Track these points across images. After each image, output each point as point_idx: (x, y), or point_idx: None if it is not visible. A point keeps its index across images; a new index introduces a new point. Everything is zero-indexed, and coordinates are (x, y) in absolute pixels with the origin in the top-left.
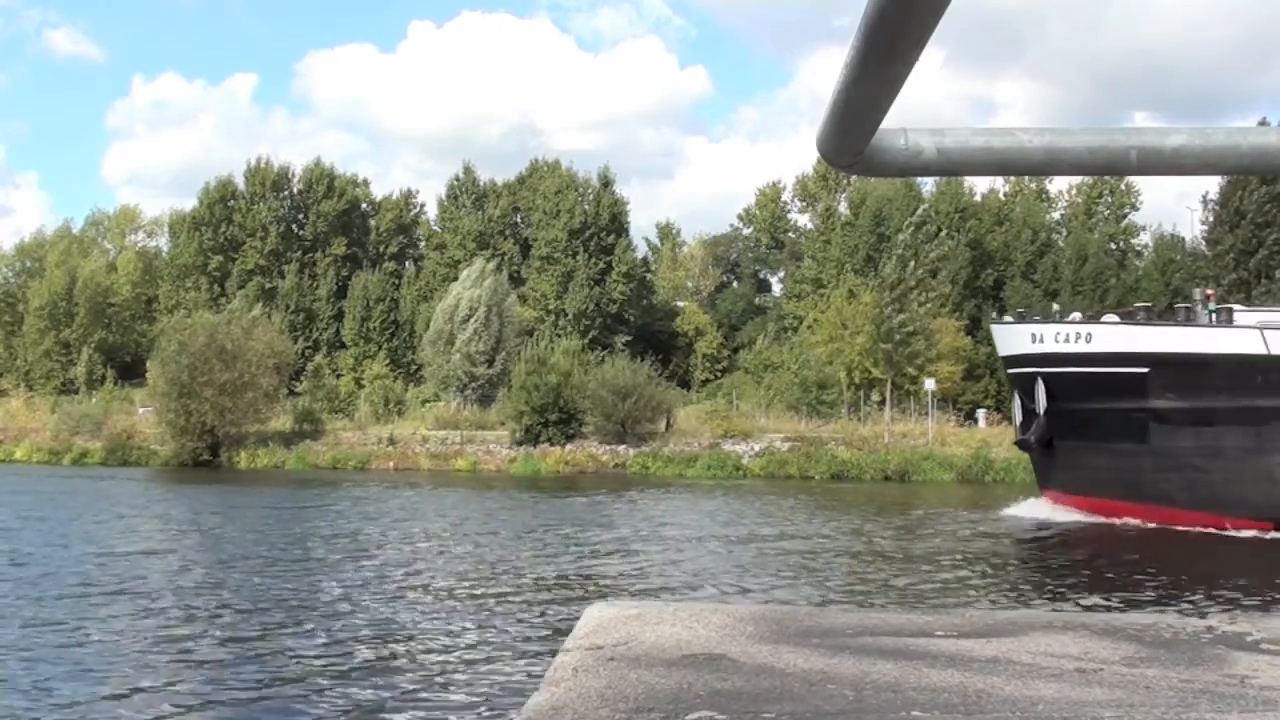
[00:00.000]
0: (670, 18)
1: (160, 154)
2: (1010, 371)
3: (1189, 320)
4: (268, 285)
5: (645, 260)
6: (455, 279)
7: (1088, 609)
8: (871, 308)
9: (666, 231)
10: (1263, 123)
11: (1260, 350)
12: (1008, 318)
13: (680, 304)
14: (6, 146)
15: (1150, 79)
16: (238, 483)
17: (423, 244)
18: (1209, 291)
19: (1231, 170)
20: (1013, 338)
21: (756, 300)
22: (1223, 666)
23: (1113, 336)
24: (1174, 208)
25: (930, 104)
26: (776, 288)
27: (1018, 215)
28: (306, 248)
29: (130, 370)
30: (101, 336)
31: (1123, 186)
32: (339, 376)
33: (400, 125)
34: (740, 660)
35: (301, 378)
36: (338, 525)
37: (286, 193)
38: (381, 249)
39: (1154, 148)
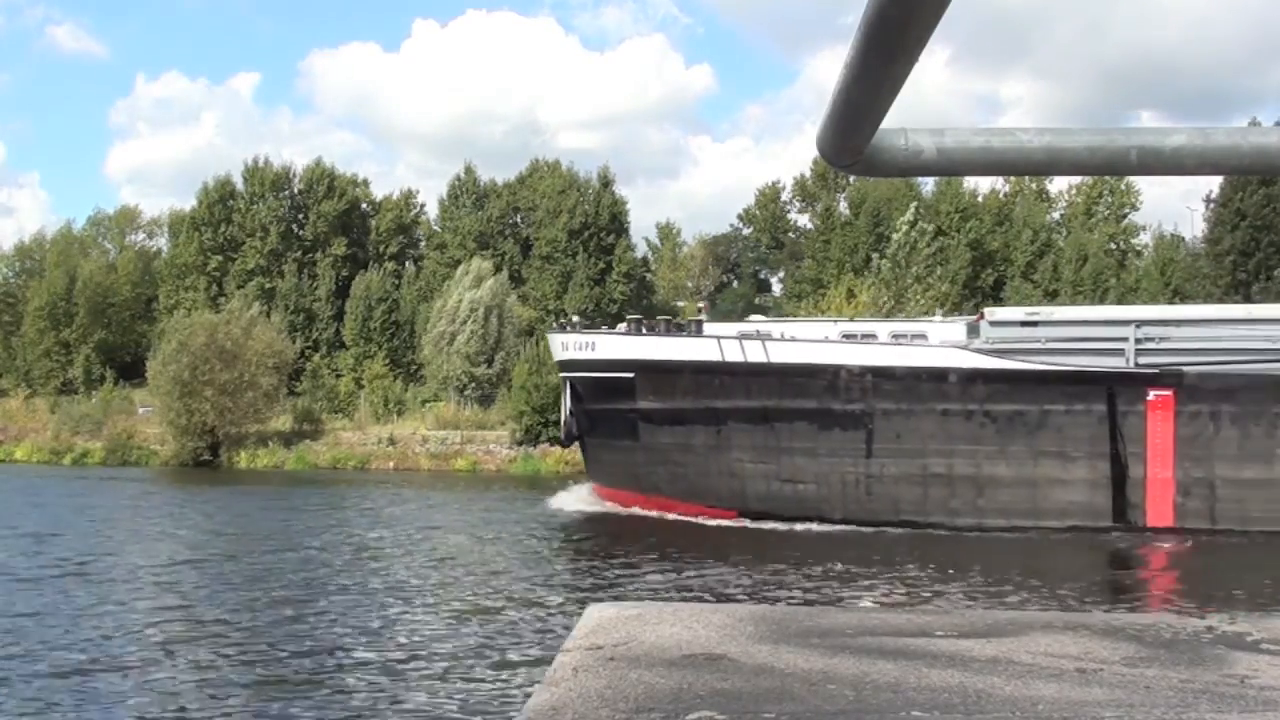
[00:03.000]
0: (677, 16)
1: (163, 153)
2: (560, 375)
3: (667, 331)
4: (267, 285)
5: (645, 260)
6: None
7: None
8: (869, 307)
9: (666, 232)
10: (1253, 123)
11: (717, 357)
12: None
13: (680, 304)
14: (8, 146)
15: (1156, 78)
16: (244, 483)
17: (423, 244)
18: (702, 304)
19: (1232, 170)
20: (555, 345)
21: (756, 300)
22: (1223, 666)
23: (609, 345)
24: (1177, 207)
25: (934, 103)
26: (776, 288)
27: (1018, 215)
28: (306, 248)
29: (130, 370)
30: (101, 336)
31: (1123, 186)
32: (339, 376)
33: (404, 124)
34: (740, 660)
35: (301, 378)
36: (342, 526)
37: (286, 193)
38: (381, 249)
39: (1154, 148)
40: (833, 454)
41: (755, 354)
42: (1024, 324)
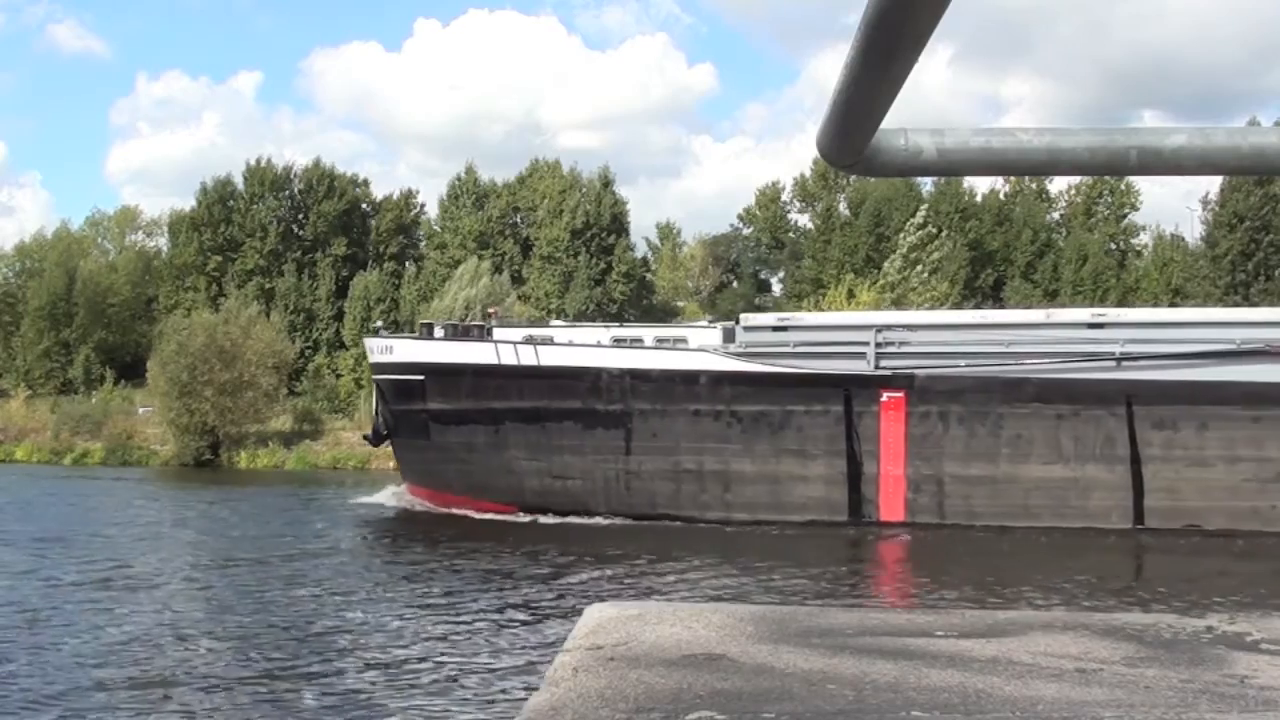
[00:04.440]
0: (679, 16)
1: (164, 153)
2: (373, 377)
3: (453, 336)
4: (267, 285)
5: (645, 260)
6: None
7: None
8: (870, 308)
9: (666, 231)
10: (1252, 123)
11: (493, 360)
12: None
13: (680, 304)
14: (9, 145)
15: (1158, 78)
16: (244, 484)
17: (423, 244)
18: (492, 310)
19: (1232, 170)
20: (368, 349)
21: (756, 300)
22: (1223, 666)
23: (404, 349)
24: (1177, 207)
25: (935, 103)
26: (776, 288)
27: (1018, 215)
28: (306, 248)
29: (130, 370)
30: (101, 336)
31: (1123, 186)
32: (339, 377)
33: (405, 124)
34: (740, 660)
35: (302, 378)
36: (347, 527)
37: (286, 193)
38: (381, 249)
39: (1154, 148)
40: (596, 451)
41: (528, 358)
42: (775, 329)
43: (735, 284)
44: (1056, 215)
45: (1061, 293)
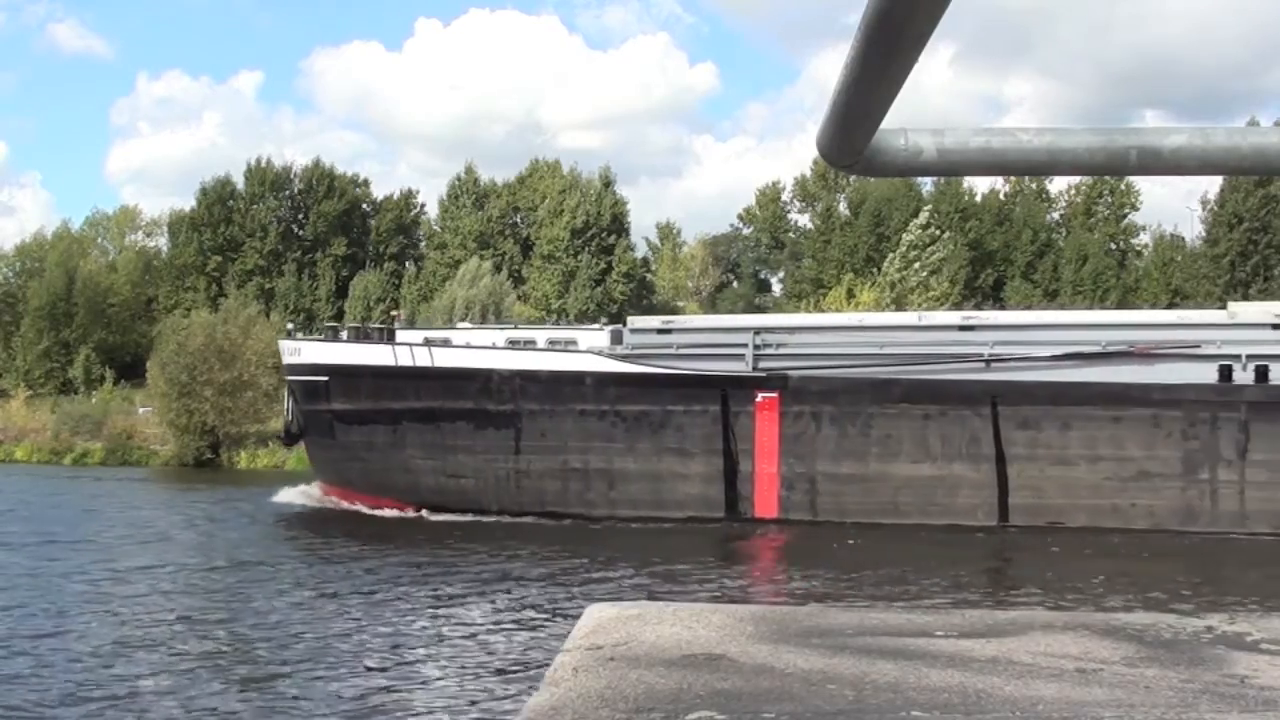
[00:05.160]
0: (680, 15)
1: (164, 152)
2: (286, 378)
3: (355, 338)
4: (267, 285)
5: (646, 260)
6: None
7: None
8: (871, 308)
9: (667, 231)
10: (1252, 123)
11: (390, 362)
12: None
13: (680, 304)
14: (10, 145)
15: (1159, 78)
16: (247, 484)
17: (423, 244)
18: (395, 312)
19: (1232, 170)
20: (281, 350)
21: (756, 300)
22: (1223, 666)
23: (311, 351)
24: (1177, 207)
25: (936, 103)
26: (776, 288)
27: (1018, 215)
28: (306, 248)
29: (130, 370)
30: (101, 336)
31: (1123, 186)
32: None
33: (406, 124)
34: (740, 660)
35: None
36: (349, 527)
37: (286, 193)
38: (381, 249)
39: (1154, 148)
40: (488, 450)
41: (423, 359)
42: (659, 331)
43: (735, 284)
44: (1056, 215)
45: (1062, 293)
